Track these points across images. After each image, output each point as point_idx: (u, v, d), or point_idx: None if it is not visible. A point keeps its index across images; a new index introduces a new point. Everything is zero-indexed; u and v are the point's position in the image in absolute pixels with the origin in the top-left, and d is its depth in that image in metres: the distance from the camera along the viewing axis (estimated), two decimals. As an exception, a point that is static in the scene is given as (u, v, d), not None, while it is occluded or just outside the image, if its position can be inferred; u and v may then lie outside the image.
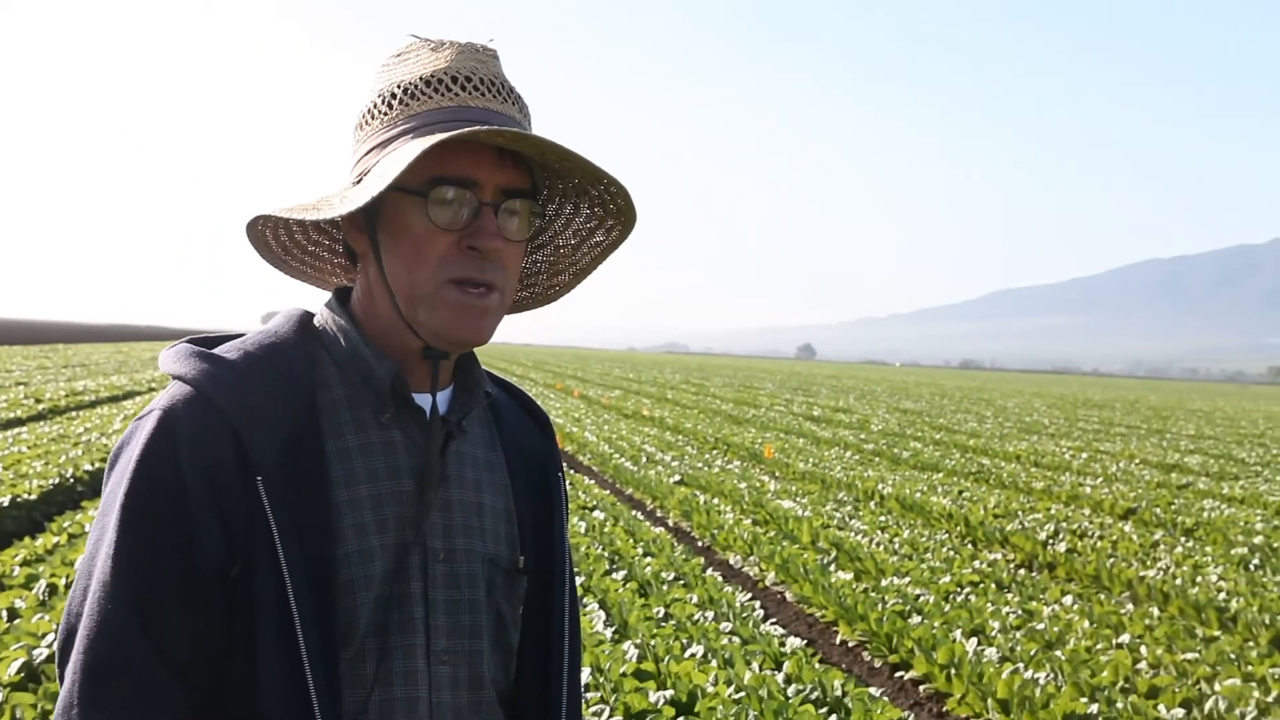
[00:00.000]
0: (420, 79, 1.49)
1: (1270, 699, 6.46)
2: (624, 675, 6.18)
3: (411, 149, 1.42)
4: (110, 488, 1.47)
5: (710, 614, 7.94)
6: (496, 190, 1.48)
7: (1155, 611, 8.90)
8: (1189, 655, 7.42)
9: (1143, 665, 7.15)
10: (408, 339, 1.54)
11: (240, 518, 1.43)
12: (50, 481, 11.58)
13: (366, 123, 1.54)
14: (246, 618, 1.42)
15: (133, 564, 1.41)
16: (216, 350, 1.52)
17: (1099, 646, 7.55)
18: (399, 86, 1.50)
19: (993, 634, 7.74)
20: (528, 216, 1.53)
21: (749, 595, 8.93)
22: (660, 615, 7.82)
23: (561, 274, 1.72)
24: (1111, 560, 10.68)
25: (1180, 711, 6.18)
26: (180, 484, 1.42)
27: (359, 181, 1.52)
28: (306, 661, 1.41)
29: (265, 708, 1.41)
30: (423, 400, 1.58)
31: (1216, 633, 8.31)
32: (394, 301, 1.52)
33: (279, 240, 1.65)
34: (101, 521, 1.45)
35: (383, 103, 1.52)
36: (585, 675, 6.10)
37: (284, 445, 1.46)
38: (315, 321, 1.61)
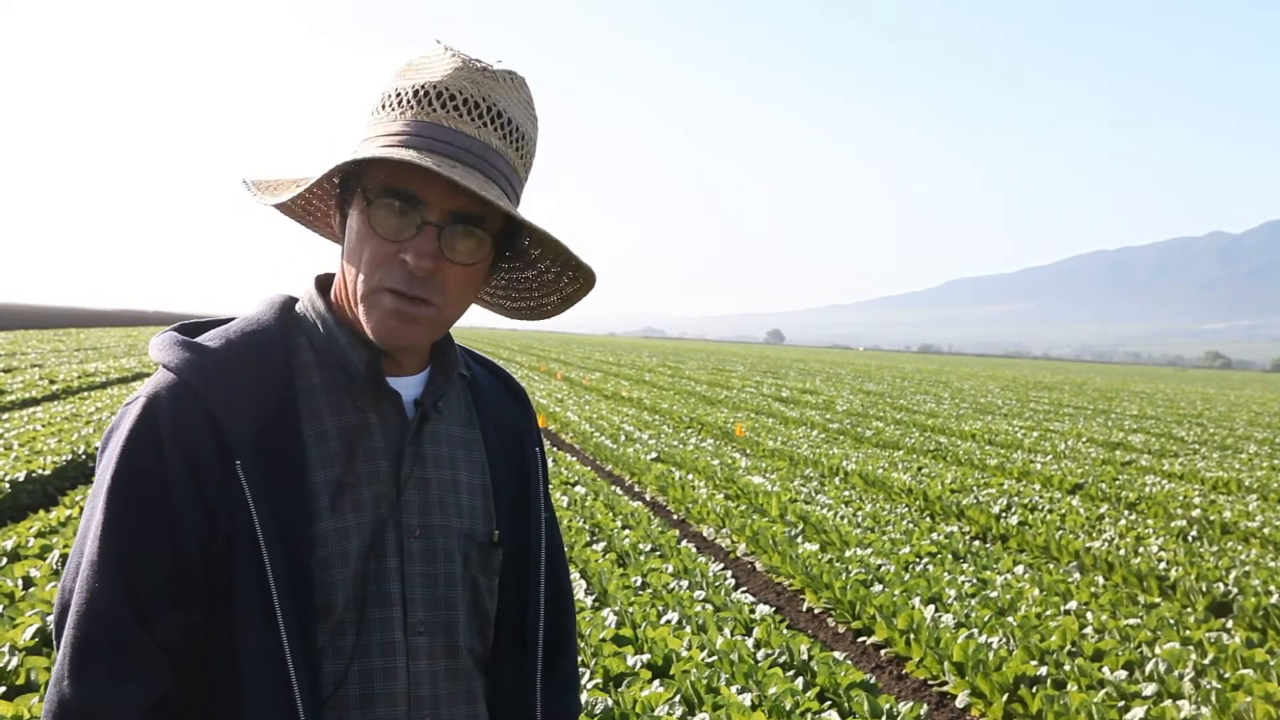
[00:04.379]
0: (413, 88, 1.46)
1: (1206, 661, 6.48)
2: (604, 640, 6.17)
3: (341, 161, 1.42)
4: (100, 471, 1.46)
5: (685, 583, 7.92)
6: (445, 212, 1.44)
7: (1100, 580, 8.94)
8: (1131, 621, 7.45)
9: (1088, 630, 7.17)
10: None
11: (221, 499, 1.41)
12: (63, 458, 11.54)
13: (373, 114, 1.51)
14: (227, 593, 1.41)
15: (118, 544, 1.40)
16: (199, 339, 1.51)
17: (1048, 613, 7.57)
18: (395, 90, 1.48)
19: (949, 601, 7.76)
20: (482, 242, 1.48)
21: (721, 565, 8.91)
22: (638, 584, 7.81)
23: (551, 296, 1.67)
24: (1060, 532, 10.71)
25: (1123, 673, 6.20)
26: (163, 468, 1.41)
27: None
28: (284, 634, 1.40)
29: (246, 678, 1.41)
30: (399, 384, 1.56)
31: (1157, 600, 8.34)
32: None
33: (296, 202, 1.60)
34: (92, 503, 1.45)
35: (383, 100, 1.49)
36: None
37: (262, 430, 1.45)
38: (298, 307, 1.59)
